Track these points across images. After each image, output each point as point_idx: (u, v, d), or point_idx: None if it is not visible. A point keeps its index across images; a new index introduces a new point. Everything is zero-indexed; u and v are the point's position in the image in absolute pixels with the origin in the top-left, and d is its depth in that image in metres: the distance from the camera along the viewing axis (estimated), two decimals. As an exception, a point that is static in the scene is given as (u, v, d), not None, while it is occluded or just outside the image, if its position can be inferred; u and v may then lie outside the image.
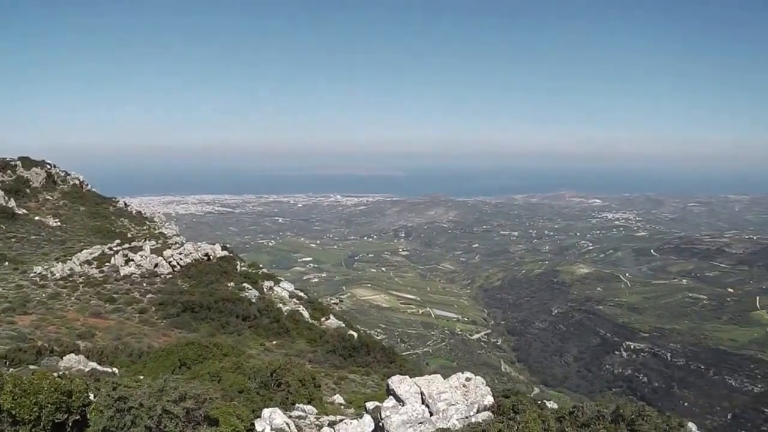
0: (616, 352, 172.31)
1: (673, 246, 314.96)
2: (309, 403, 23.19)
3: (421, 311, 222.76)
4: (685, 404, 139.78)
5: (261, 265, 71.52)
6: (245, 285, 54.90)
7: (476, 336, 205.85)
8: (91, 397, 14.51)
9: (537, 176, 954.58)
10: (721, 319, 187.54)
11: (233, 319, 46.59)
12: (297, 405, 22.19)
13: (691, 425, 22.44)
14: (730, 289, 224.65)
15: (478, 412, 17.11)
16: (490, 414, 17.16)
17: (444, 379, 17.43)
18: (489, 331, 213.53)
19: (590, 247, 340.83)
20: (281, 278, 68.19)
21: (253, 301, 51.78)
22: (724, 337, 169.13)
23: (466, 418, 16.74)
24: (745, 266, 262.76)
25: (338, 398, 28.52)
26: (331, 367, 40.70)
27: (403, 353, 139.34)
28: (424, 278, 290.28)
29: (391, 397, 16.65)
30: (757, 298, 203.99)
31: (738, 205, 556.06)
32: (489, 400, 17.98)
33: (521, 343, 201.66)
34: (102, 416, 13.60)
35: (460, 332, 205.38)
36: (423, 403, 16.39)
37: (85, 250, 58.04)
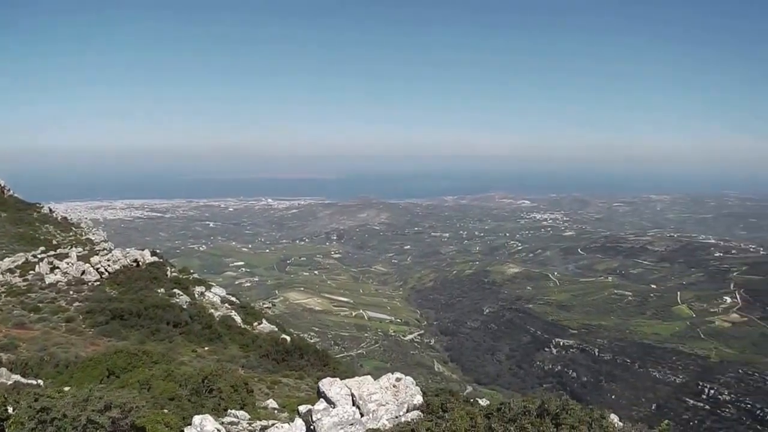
0: (546, 349, 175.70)
1: (599, 245, 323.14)
2: (242, 408, 22.98)
3: (354, 313, 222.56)
4: (613, 397, 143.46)
5: (192, 271, 70.51)
6: (176, 291, 53.91)
7: (409, 337, 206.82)
8: (10, 410, 14.10)
9: (468, 178, 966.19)
10: (645, 315, 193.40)
11: (164, 326, 45.64)
12: (229, 411, 22.00)
13: (613, 416, 23.24)
14: (653, 286, 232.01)
15: (407, 411, 17.29)
16: (420, 413, 17.36)
17: (374, 380, 17.54)
18: (422, 331, 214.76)
19: (519, 247, 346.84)
20: (213, 283, 67.29)
21: (184, 307, 50.84)
22: (648, 332, 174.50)
23: (396, 417, 16.90)
24: (667, 263, 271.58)
25: (272, 403, 28.29)
26: (264, 371, 40.36)
27: (337, 356, 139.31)
28: (357, 280, 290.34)
29: (322, 399, 16.64)
30: (678, 293, 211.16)
31: (660, 205, 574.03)
32: (418, 399, 18.16)
33: (454, 343, 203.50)
34: (23, 429, 13.20)
35: (393, 333, 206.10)
36: (354, 404, 16.43)
37: (7, 258, 56.14)
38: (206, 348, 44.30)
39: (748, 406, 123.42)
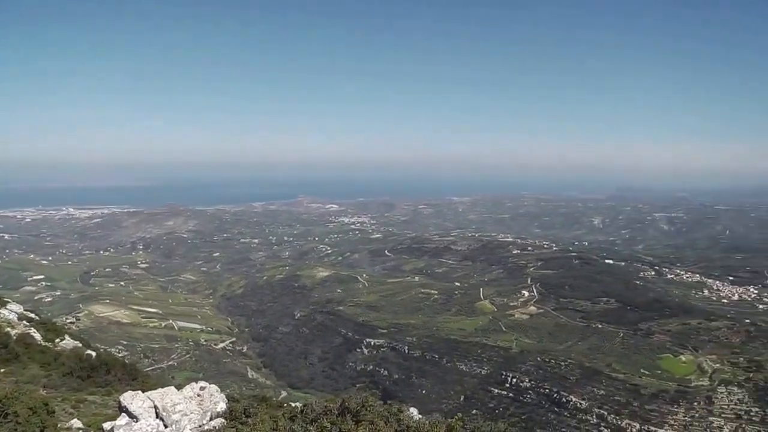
0: (358, 350, 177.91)
1: (405, 246, 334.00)
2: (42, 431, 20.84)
3: (163, 324, 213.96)
4: (423, 392, 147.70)
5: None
6: (-37, 308, 48.72)
7: (221, 345, 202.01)
8: None
9: (277, 184, 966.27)
10: (451, 311, 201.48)
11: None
12: (28, 436, 19.86)
13: (412, 410, 23.57)
14: (457, 283, 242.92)
15: (211, 419, 17.34)
16: (224, 420, 17.56)
17: (178, 390, 17.59)
18: (234, 339, 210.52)
19: (329, 251, 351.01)
20: (8, 300, 62.23)
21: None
22: (454, 327, 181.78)
23: (200, 426, 16.87)
24: (470, 261, 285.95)
25: (76, 423, 26.07)
26: (68, 390, 37.27)
27: (147, 369, 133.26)
28: (166, 290, 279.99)
29: (124, 414, 15.81)
30: (481, 289, 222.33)
31: (462, 207, 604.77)
32: (222, 406, 18.13)
33: (266, 349, 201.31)
34: None
35: (204, 342, 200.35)
36: (157, 416, 16.13)
37: None
38: (2, 370, 40.23)
39: (547, 390, 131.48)
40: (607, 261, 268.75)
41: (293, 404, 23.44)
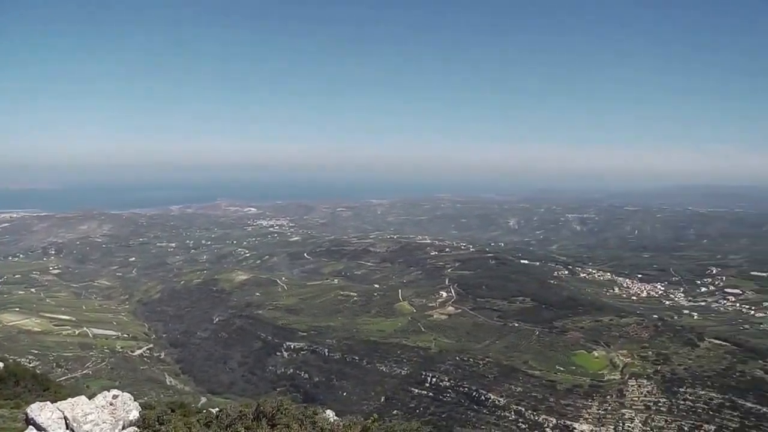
0: (278, 353, 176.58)
1: (324, 249, 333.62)
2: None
3: (77, 332, 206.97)
4: (344, 394, 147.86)
5: None
6: None
7: (138, 352, 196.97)
8: None
9: (194, 187, 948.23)
10: (370, 313, 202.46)
11: None
12: None
13: (328, 412, 23.98)
14: (376, 285, 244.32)
15: (124, 428, 17.15)
16: (136, 428, 17.37)
17: (90, 399, 17.06)
18: (151, 345, 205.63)
19: (247, 254, 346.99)
20: None
21: None
22: (374, 329, 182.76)
23: None
24: (389, 263, 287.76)
25: None
26: (-28, 405, 35.98)
27: (60, 379, 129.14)
28: (79, 297, 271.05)
29: (31, 427, 15.39)
30: (400, 291, 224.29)
31: (380, 209, 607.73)
32: (135, 414, 17.94)
33: (185, 354, 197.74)
34: None
35: (121, 350, 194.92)
36: (68, 428, 15.68)
37: None
38: None
39: (466, 389, 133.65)
40: (522, 261, 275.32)
41: (212, 410, 23.30)
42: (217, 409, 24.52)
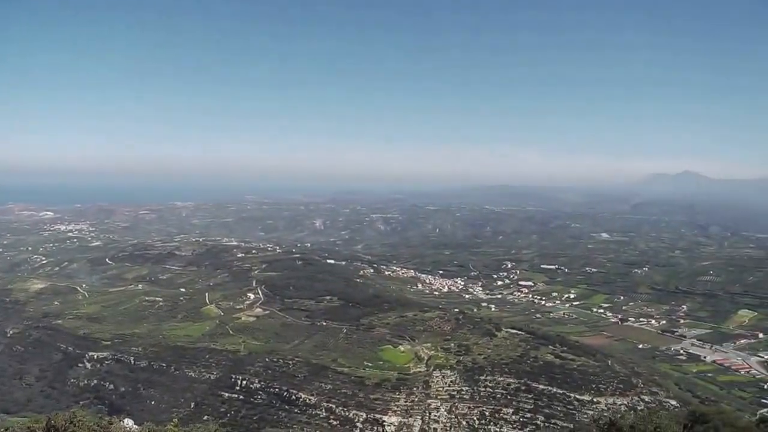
0: (80, 365, 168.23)
1: (127, 253, 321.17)
2: None
3: None
4: (152, 402, 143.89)
5: None
6: None
7: None
8: None
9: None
10: (177, 318, 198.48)
11: None
12: None
13: (127, 421, 24.90)
14: (182, 289, 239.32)
15: None
16: None
17: None
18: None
19: (44, 261, 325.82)
20: None
21: None
22: (181, 334, 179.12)
23: None
24: (194, 266, 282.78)
25: None
26: None
27: None
28: None
29: None
30: (207, 294, 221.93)
31: (185, 212, 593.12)
32: None
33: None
34: None
35: None
36: None
37: None
38: None
39: (277, 390, 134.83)
40: (329, 261, 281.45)
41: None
42: (2, 429, 24.20)
